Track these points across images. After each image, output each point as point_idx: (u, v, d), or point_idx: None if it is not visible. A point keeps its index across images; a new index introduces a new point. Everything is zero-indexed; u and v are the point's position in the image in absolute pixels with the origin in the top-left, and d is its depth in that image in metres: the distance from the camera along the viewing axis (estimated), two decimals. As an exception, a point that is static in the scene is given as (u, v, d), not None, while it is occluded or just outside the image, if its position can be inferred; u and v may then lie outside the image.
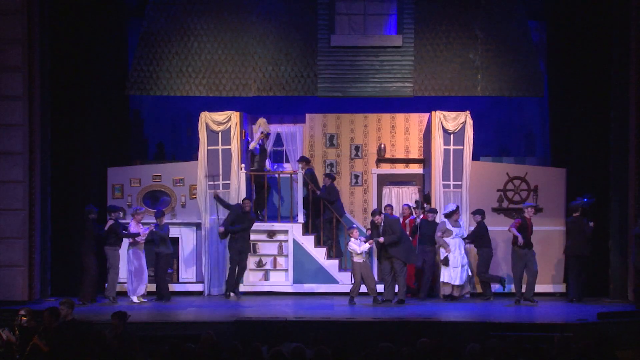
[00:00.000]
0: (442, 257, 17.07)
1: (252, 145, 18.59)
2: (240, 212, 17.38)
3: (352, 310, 15.99)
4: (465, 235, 17.20)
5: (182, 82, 18.46)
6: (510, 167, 18.38)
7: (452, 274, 17.00)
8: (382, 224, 16.43)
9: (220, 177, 18.06)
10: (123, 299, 16.84)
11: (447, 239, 17.01)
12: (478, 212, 17.23)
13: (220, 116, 18.06)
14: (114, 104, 18.83)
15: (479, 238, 17.15)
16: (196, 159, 18.19)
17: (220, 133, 18.04)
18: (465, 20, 18.37)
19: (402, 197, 19.25)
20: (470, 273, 17.23)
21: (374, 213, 16.69)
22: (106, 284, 16.87)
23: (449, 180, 17.88)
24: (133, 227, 16.84)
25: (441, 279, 17.15)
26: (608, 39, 17.39)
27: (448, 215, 17.17)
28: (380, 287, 16.82)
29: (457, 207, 17.25)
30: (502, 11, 18.40)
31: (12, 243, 16.31)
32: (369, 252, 17.67)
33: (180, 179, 18.31)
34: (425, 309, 15.90)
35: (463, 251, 17.12)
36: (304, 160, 18.80)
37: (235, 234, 17.27)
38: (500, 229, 17.45)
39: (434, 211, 17.39)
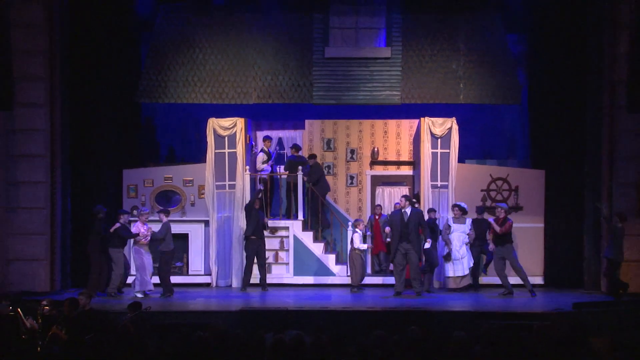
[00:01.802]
0: (444, 253, 17.09)
1: (260, 163, 18.65)
2: (252, 211, 17.35)
3: (347, 300, 15.99)
4: (468, 232, 17.11)
5: (188, 90, 18.50)
6: (493, 169, 18.39)
7: (454, 267, 17.05)
8: (409, 214, 16.27)
9: (227, 177, 18.11)
10: (129, 291, 16.62)
11: (449, 235, 17.04)
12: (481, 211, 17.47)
13: (226, 122, 18.08)
14: (128, 111, 18.86)
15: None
16: (204, 161, 18.21)
17: (226, 137, 18.06)
18: (448, 34, 18.45)
19: (394, 197, 19.29)
20: (471, 265, 17.09)
21: (407, 198, 16.55)
22: (109, 281, 16.53)
23: (437, 181, 17.91)
24: (136, 228, 16.44)
25: (446, 274, 17.12)
26: (584, 51, 17.45)
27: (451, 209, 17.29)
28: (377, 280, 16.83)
29: (455, 204, 17.26)
30: (483, 26, 18.50)
31: (35, 239, 16.38)
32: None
33: (190, 179, 18.34)
34: (416, 300, 15.86)
35: (463, 245, 17.04)
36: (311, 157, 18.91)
37: (251, 234, 17.18)
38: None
39: (434, 210, 17.35)
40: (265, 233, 17.66)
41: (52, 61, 16.49)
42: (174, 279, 17.08)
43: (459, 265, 17.03)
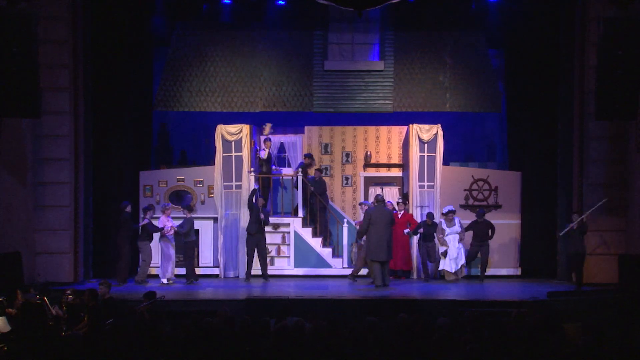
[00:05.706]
0: (441, 252, 17.21)
1: (264, 155, 18.47)
2: (252, 209, 17.32)
3: (343, 290, 15.90)
4: (459, 230, 17.16)
5: (200, 99, 18.48)
6: (474, 171, 18.35)
7: (449, 264, 17.14)
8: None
9: (233, 178, 18.05)
10: (155, 281, 16.69)
11: (445, 237, 17.14)
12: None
13: (233, 128, 18.04)
14: (144, 118, 18.81)
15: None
16: (213, 164, 18.16)
17: (233, 142, 18.01)
18: (436, 49, 18.43)
19: (384, 196, 19.19)
20: (464, 262, 17.22)
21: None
22: (138, 270, 16.82)
23: (424, 182, 17.88)
24: (162, 221, 16.73)
25: (441, 267, 17.25)
26: (556, 64, 17.48)
27: (444, 215, 17.27)
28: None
29: (449, 211, 17.26)
30: (467, 41, 18.48)
31: (60, 234, 16.35)
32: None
33: (200, 180, 18.29)
34: (404, 290, 15.81)
35: (457, 245, 17.11)
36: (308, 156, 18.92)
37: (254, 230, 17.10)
38: (467, 222, 17.44)
39: (432, 216, 17.32)
40: (269, 229, 17.62)
41: (76, 74, 16.48)
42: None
43: (453, 262, 17.15)
